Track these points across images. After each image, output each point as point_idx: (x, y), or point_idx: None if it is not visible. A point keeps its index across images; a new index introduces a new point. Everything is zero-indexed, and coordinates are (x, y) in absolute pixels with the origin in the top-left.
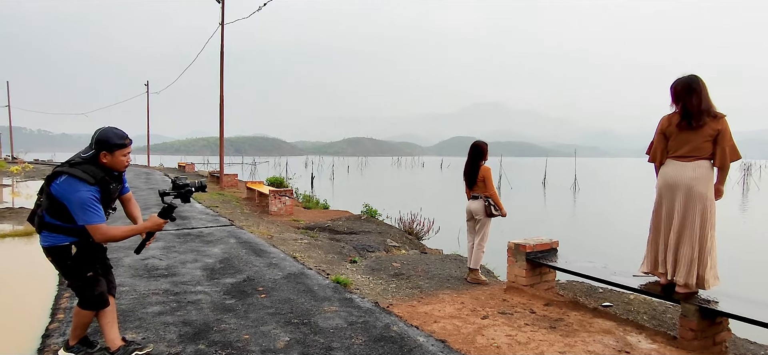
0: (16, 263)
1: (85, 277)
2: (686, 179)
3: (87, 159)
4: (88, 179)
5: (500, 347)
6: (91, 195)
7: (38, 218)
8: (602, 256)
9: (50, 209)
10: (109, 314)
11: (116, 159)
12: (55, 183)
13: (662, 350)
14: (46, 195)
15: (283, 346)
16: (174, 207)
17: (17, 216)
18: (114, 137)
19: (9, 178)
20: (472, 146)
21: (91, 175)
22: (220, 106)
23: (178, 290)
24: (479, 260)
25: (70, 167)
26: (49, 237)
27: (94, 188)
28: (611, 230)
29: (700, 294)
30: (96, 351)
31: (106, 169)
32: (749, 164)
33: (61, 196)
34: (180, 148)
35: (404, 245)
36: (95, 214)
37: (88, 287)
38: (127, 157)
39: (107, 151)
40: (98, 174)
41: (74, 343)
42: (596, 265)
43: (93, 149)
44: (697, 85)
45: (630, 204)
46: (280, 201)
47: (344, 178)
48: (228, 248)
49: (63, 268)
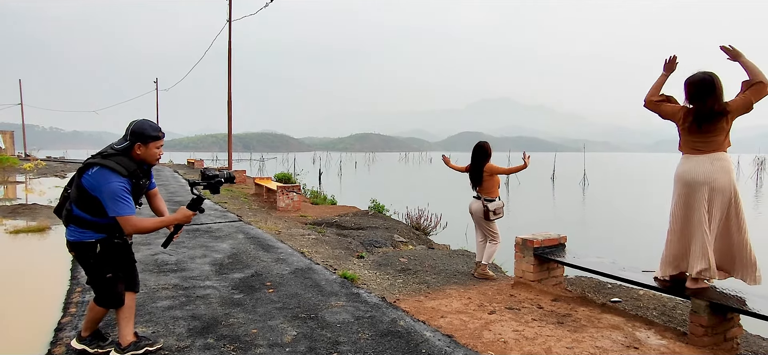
0: (30, 257)
1: (105, 278)
2: (704, 173)
3: (120, 151)
4: (121, 170)
5: (507, 342)
6: (122, 186)
7: (66, 210)
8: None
9: (79, 201)
10: (127, 310)
11: (150, 151)
12: (87, 174)
13: (672, 346)
14: (77, 187)
15: (291, 340)
16: (203, 198)
17: (31, 212)
18: (149, 129)
19: (22, 175)
20: (476, 147)
21: (124, 166)
22: (228, 103)
23: (187, 285)
24: (491, 256)
25: (102, 159)
26: (75, 232)
27: (126, 179)
28: (620, 225)
29: (715, 288)
30: (107, 344)
31: (138, 162)
32: (763, 158)
33: (93, 187)
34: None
35: (411, 241)
36: (126, 205)
37: (107, 287)
38: (160, 150)
39: (142, 143)
40: (130, 166)
41: (86, 335)
42: (605, 260)
43: (127, 141)
44: (712, 85)
45: (639, 199)
46: (288, 197)
47: (352, 174)
48: (236, 244)
49: (85, 265)
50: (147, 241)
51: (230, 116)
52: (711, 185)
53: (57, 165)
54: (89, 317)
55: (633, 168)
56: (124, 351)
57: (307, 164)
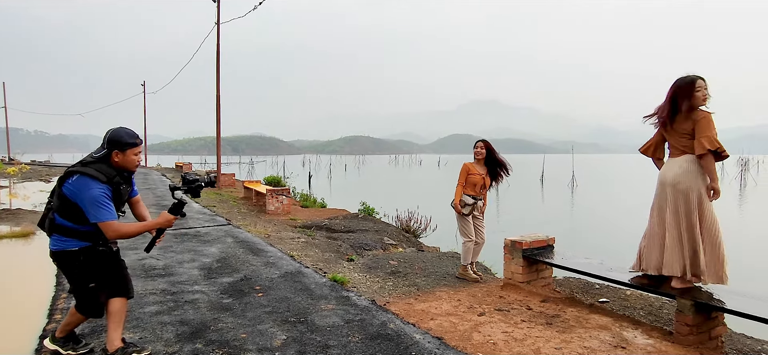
0: (14, 264)
1: (87, 288)
2: (672, 175)
3: (99, 158)
4: (100, 177)
5: (497, 344)
6: (102, 192)
7: (49, 220)
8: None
9: (61, 210)
10: (118, 314)
11: (128, 158)
12: (68, 182)
13: (658, 345)
14: (58, 196)
15: (280, 344)
16: (184, 203)
17: (14, 217)
18: (126, 137)
19: (6, 179)
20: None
21: (103, 173)
22: (216, 106)
23: (175, 290)
24: (465, 257)
25: (82, 167)
26: (59, 241)
27: (106, 186)
28: (608, 226)
29: (700, 287)
30: (81, 347)
31: (117, 169)
32: (747, 159)
33: (74, 194)
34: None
35: (401, 243)
36: (107, 210)
37: (88, 296)
38: (138, 157)
39: (119, 150)
40: (110, 173)
41: (61, 336)
42: (593, 261)
43: (105, 149)
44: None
45: (627, 201)
46: (278, 200)
47: (342, 176)
48: (225, 248)
49: (68, 273)
50: (134, 245)
51: (219, 119)
52: (675, 187)
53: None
54: (68, 321)
55: (620, 169)
56: None
57: (296, 167)
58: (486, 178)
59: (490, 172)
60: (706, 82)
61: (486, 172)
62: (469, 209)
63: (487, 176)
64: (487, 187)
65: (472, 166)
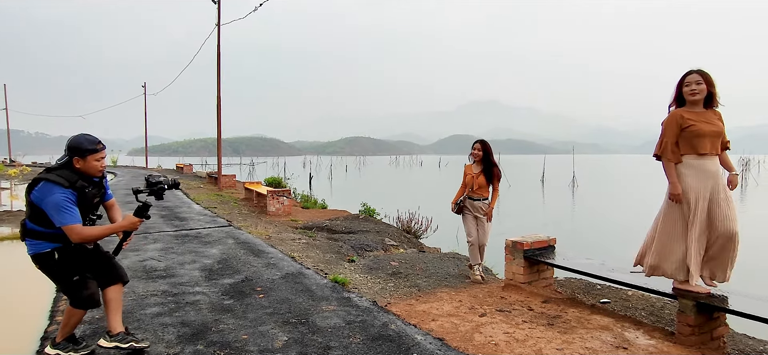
0: (15, 266)
1: (71, 281)
2: None
3: (61, 164)
4: (62, 182)
5: (498, 345)
6: (64, 197)
7: (22, 225)
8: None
9: (32, 216)
10: (114, 302)
11: (89, 164)
12: (35, 190)
13: (660, 346)
14: (28, 203)
15: (281, 345)
16: (149, 205)
17: (15, 219)
18: (85, 143)
19: (7, 181)
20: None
21: (65, 178)
22: (217, 107)
23: (176, 291)
24: (470, 256)
25: (46, 173)
26: (32, 245)
27: (68, 191)
28: (609, 226)
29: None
30: (81, 348)
31: (81, 174)
32: (748, 159)
33: (39, 201)
34: (178, 150)
35: (402, 244)
36: (70, 214)
37: (76, 289)
38: (101, 163)
39: (79, 157)
40: (72, 178)
41: (61, 340)
42: (594, 262)
43: (67, 155)
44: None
45: (627, 201)
46: (278, 201)
47: (342, 177)
48: (226, 249)
49: (50, 273)
50: (135, 247)
51: (219, 120)
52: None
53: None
54: (65, 322)
55: (620, 169)
56: (113, 338)
57: (297, 168)
58: (477, 177)
59: (485, 172)
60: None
61: (480, 171)
62: (456, 208)
63: (480, 175)
64: (480, 186)
65: (468, 166)
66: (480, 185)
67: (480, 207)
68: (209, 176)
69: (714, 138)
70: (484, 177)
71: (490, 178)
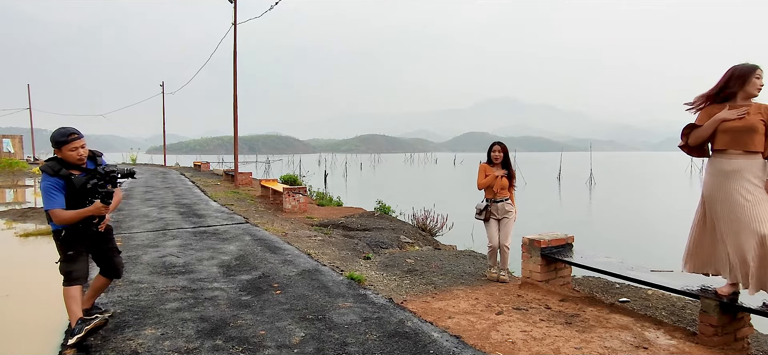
0: (40, 261)
1: (66, 254)
2: None
3: (52, 157)
4: (49, 171)
5: (515, 343)
6: (49, 184)
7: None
8: (619, 251)
9: None
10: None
11: (64, 154)
12: None
13: (681, 346)
14: None
15: (298, 341)
16: (111, 193)
17: (40, 215)
18: (58, 136)
19: (31, 178)
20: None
21: (52, 168)
22: (233, 105)
23: (195, 287)
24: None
25: (43, 163)
26: (50, 223)
27: (54, 179)
28: (628, 224)
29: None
30: (92, 319)
31: (65, 163)
32: None
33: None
34: (195, 148)
35: (418, 242)
36: (52, 199)
37: (66, 262)
38: (77, 152)
39: (57, 148)
40: (56, 167)
41: (75, 322)
42: (613, 260)
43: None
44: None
45: (646, 199)
46: (294, 199)
47: (357, 175)
48: (243, 246)
49: (58, 248)
50: (155, 243)
51: (236, 118)
52: None
53: None
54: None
55: (639, 167)
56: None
57: (312, 166)
58: (501, 179)
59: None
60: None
61: (504, 173)
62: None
63: (504, 177)
64: (503, 187)
65: (488, 167)
66: (503, 186)
67: (503, 208)
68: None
69: None
70: (507, 178)
71: (510, 178)
